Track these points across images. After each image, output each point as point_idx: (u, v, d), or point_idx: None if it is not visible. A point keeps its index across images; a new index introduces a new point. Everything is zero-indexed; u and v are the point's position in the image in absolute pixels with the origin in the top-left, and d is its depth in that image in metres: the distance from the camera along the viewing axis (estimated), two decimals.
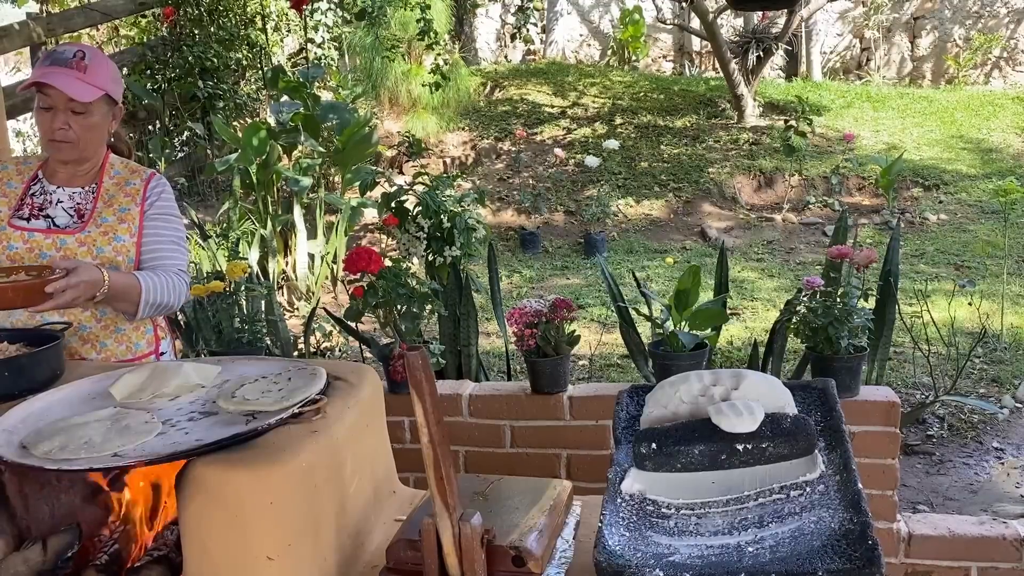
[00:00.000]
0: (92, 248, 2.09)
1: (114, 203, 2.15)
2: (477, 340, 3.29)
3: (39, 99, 2.05)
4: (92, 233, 2.11)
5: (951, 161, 8.22)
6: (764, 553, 1.27)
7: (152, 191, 2.19)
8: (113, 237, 2.12)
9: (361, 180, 6.00)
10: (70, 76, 2.01)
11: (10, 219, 2.11)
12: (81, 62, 2.03)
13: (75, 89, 2.01)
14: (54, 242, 2.09)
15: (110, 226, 2.13)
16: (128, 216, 2.15)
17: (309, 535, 1.37)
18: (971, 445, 3.73)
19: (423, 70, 8.66)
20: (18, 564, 1.43)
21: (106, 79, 2.08)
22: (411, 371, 1.26)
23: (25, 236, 2.09)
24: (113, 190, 2.17)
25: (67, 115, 2.04)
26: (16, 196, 2.14)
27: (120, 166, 2.22)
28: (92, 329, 2.14)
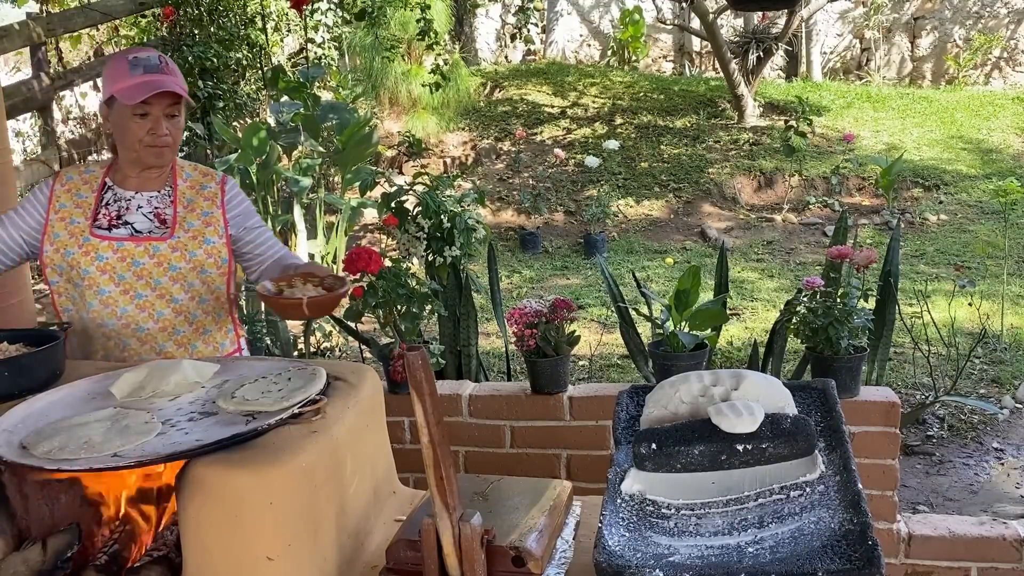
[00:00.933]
0: (185, 253, 2.09)
1: (195, 207, 2.15)
2: (477, 340, 3.29)
3: (135, 108, 2.01)
4: (182, 238, 2.10)
5: (951, 161, 8.22)
6: (764, 553, 1.27)
7: (230, 192, 2.21)
8: (203, 240, 2.12)
9: (361, 180, 6.00)
10: (171, 80, 2.02)
11: (90, 229, 2.08)
12: (168, 66, 2.05)
13: (180, 90, 2.02)
14: (146, 249, 2.07)
15: (198, 230, 2.12)
16: (213, 219, 2.15)
17: (309, 535, 1.37)
18: (971, 445, 3.73)
19: (423, 70, 8.66)
20: (18, 564, 1.43)
21: (182, 81, 2.09)
22: (411, 371, 1.26)
23: (114, 246, 2.07)
24: (190, 194, 2.16)
25: (164, 119, 2.05)
26: (90, 206, 2.11)
27: (189, 168, 2.22)
28: (185, 332, 2.14)
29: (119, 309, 2.07)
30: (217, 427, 1.44)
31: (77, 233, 2.08)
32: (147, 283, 2.08)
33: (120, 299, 2.07)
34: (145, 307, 2.08)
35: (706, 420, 1.47)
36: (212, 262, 2.13)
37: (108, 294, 2.06)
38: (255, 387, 1.56)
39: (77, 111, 8.08)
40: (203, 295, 2.15)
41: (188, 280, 2.11)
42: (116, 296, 2.07)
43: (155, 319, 2.10)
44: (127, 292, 2.07)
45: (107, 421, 1.46)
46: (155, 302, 2.09)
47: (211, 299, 2.17)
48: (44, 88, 6.24)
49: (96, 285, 2.06)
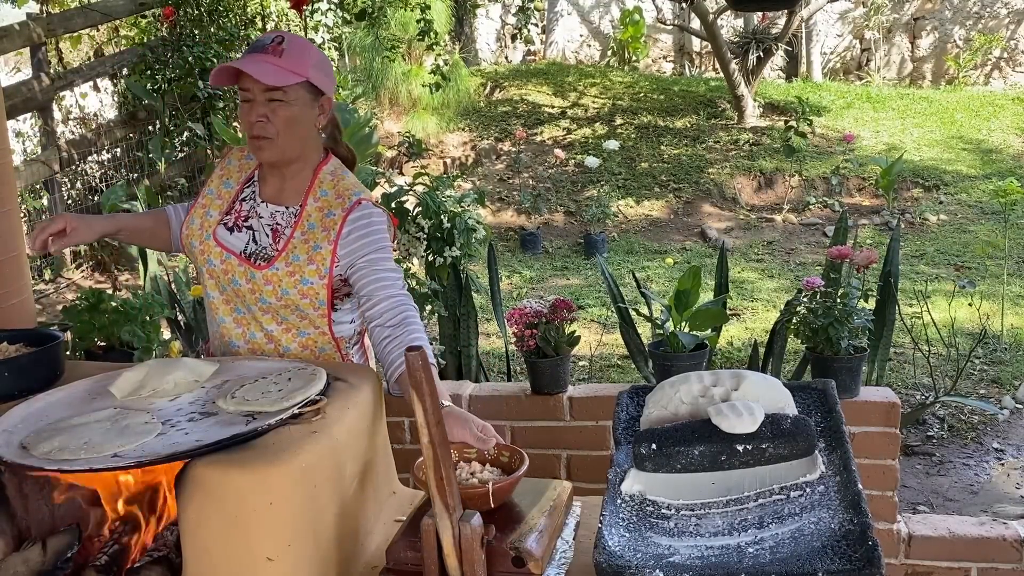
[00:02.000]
0: (277, 288, 1.88)
1: (310, 237, 1.90)
2: (477, 341, 3.29)
3: (240, 92, 1.87)
4: (280, 271, 1.89)
5: (951, 162, 8.22)
6: (764, 554, 1.27)
7: (352, 224, 1.90)
8: (300, 279, 1.88)
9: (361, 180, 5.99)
10: (264, 61, 1.81)
11: (216, 228, 1.96)
12: (278, 47, 1.83)
13: (267, 73, 1.79)
14: (246, 272, 1.90)
15: (299, 266, 1.88)
16: (318, 256, 1.89)
17: (309, 536, 1.37)
18: (971, 446, 3.73)
19: (423, 70, 8.66)
20: (18, 564, 1.43)
21: (306, 65, 1.84)
22: (411, 372, 1.26)
23: (223, 256, 1.93)
24: (315, 217, 1.92)
25: (264, 106, 1.83)
26: (229, 199, 1.98)
27: (329, 184, 1.95)
28: (274, 331, 1.96)
29: (218, 316, 1.98)
30: (217, 427, 1.44)
31: (206, 228, 1.96)
32: (243, 302, 1.95)
33: (221, 308, 1.97)
34: (241, 323, 1.96)
35: (706, 420, 1.47)
36: (308, 303, 1.90)
37: (213, 299, 1.98)
38: (255, 387, 1.56)
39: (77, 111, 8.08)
40: (301, 329, 1.95)
41: (280, 314, 1.93)
42: (218, 304, 1.97)
43: (246, 339, 1.96)
44: (228, 303, 1.96)
45: (107, 421, 1.47)
46: (250, 322, 1.96)
47: (313, 334, 1.95)
48: (44, 88, 6.23)
49: (206, 285, 1.99)
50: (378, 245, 1.91)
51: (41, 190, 6.47)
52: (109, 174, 7.14)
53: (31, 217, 6.37)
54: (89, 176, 7.32)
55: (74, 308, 2.83)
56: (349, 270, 1.90)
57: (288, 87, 1.82)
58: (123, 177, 6.79)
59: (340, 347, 2.00)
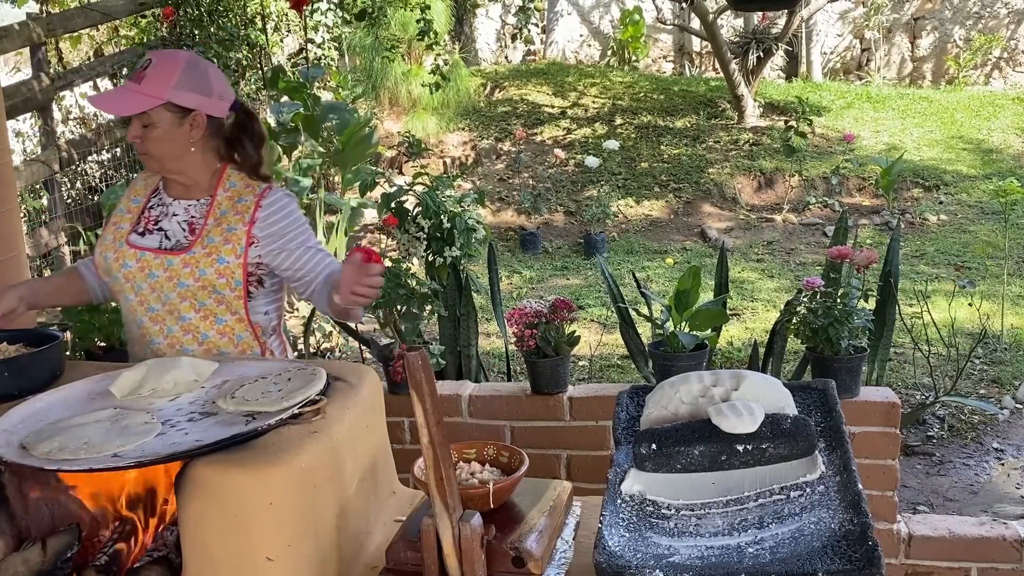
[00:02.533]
0: (195, 270, 1.99)
1: (224, 221, 2.02)
2: (477, 341, 3.29)
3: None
4: (196, 255, 1.99)
5: (951, 162, 8.22)
6: (764, 554, 1.27)
7: (266, 209, 2.04)
8: (217, 259, 1.99)
9: (361, 180, 5.99)
10: (124, 90, 1.96)
11: (128, 236, 2.07)
12: (143, 72, 1.94)
13: (116, 105, 1.97)
14: (162, 262, 2.01)
15: (215, 247, 2.00)
16: (234, 236, 2.01)
17: (309, 536, 1.37)
18: (971, 446, 3.73)
19: (423, 70, 8.66)
20: (17, 565, 1.43)
21: (165, 87, 1.93)
22: (411, 372, 1.26)
23: (138, 255, 2.03)
24: (226, 205, 2.04)
25: (138, 128, 1.97)
26: (138, 211, 2.11)
27: (236, 177, 2.09)
28: (195, 351, 2.02)
29: (137, 318, 2.06)
30: (217, 427, 1.44)
31: (118, 238, 2.07)
32: (159, 297, 2.02)
33: (138, 309, 2.05)
34: (157, 320, 2.04)
35: (706, 420, 1.47)
36: (224, 283, 2.00)
37: (130, 302, 2.06)
38: (255, 387, 1.56)
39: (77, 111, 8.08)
40: (219, 315, 2.04)
41: (198, 299, 2.01)
42: (135, 306, 2.05)
43: (164, 335, 2.04)
44: (143, 303, 2.04)
45: (107, 422, 1.47)
46: (165, 317, 2.03)
47: (230, 320, 2.05)
48: (44, 88, 6.23)
49: (123, 292, 2.06)
50: (301, 228, 2.07)
51: (41, 190, 6.47)
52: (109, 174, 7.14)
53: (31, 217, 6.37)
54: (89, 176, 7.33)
55: (74, 308, 2.83)
56: (279, 256, 2.03)
57: (150, 111, 1.94)
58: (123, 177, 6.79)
59: (258, 335, 2.09)
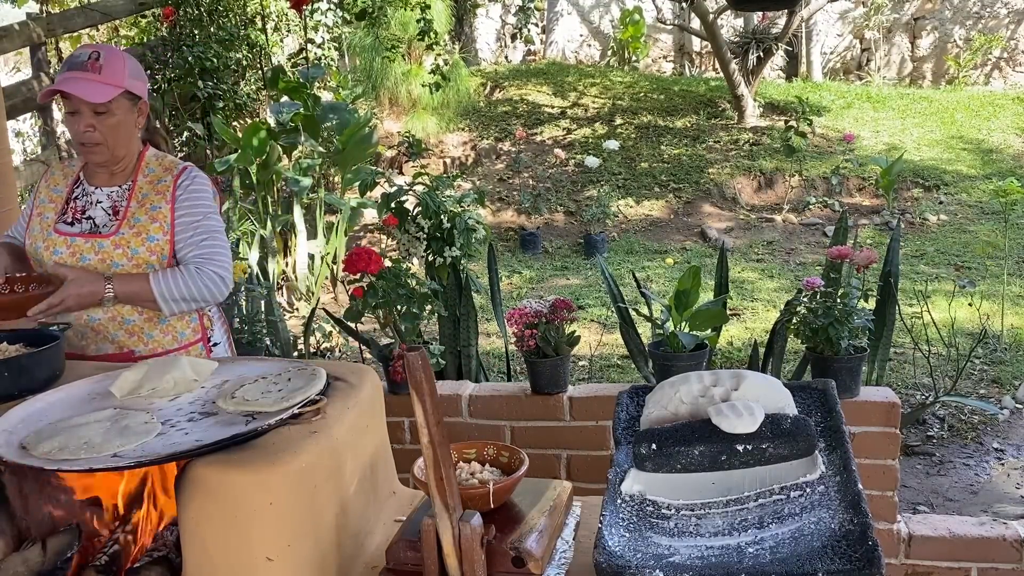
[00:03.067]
0: (127, 250, 2.10)
1: (147, 202, 2.15)
2: (477, 341, 3.29)
3: (64, 105, 2.06)
4: (126, 235, 2.11)
5: (951, 162, 8.22)
6: (764, 554, 1.27)
7: (182, 187, 2.17)
8: (146, 237, 2.12)
9: (361, 180, 5.99)
10: (86, 79, 2.02)
11: (55, 224, 2.15)
12: (96, 63, 2.03)
13: (91, 92, 2.02)
14: (93, 246, 2.11)
15: (143, 226, 2.13)
16: (159, 215, 2.14)
17: (309, 536, 1.37)
18: (971, 446, 3.73)
19: (423, 70, 8.65)
20: (18, 564, 1.43)
21: (122, 76, 2.07)
22: (411, 372, 1.26)
23: (68, 241, 2.12)
24: (147, 188, 2.17)
25: (90, 117, 2.05)
26: (62, 200, 2.18)
27: (155, 163, 2.22)
28: (136, 322, 2.16)
29: None
30: (217, 427, 1.44)
31: (45, 228, 2.15)
32: None
33: None
34: None
35: (706, 420, 1.47)
36: (155, 259, 2.13)
37: None
38: (255, 387, 1.56)
39: None
40: None
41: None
42: None
43: (104, 309, 2.12)
44: None
45: (107, 422, 1.47)
46: None
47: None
48: (44, 88, 6.23)
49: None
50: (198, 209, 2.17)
51: None
52: None
53: None
54: None
55: None
56: (180, 233, 2.15)
57: (111, 101, 2.04)
58: None
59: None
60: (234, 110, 7.31)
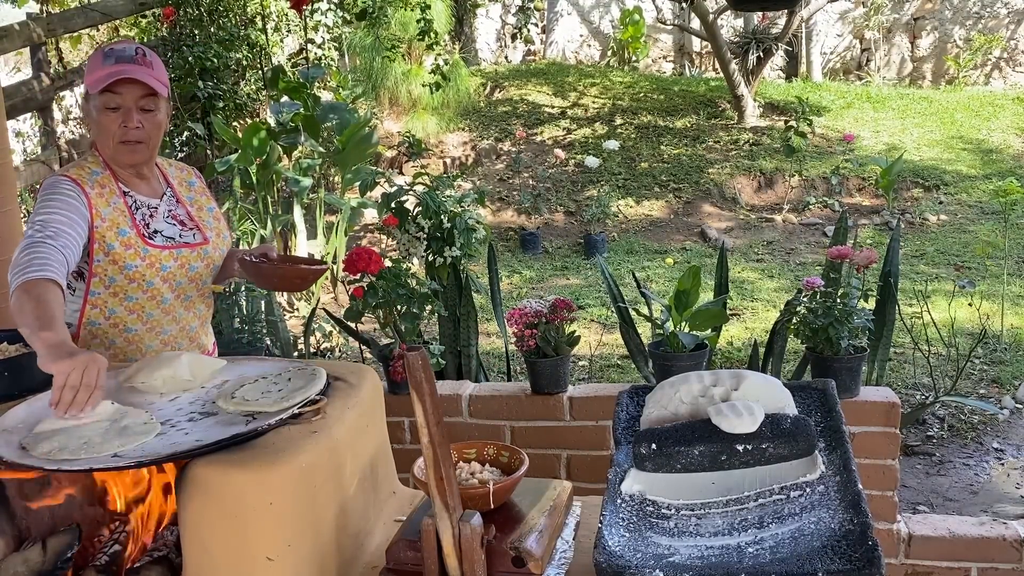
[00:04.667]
0: (219, 253, 2.15)
1: (195, 203, 2.17)
2: (477, 340, 3.29)
3: (105, 100, 1.94)
4: (213, 240, 2.14)
5: (951, 162, 8.22)
6: (764, 554, 1.27)
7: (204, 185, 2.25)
8: (222, 236, 2.18)
9: (361, 180, 6.00)
10: (143, 71, 1.94)
11: (144, 240, 2.00)
12: (145, 58, 1.97)
13: (154, 82, 1.95)
14: (199, 254, 2.09)
15: (218, 229, 2.18)
16: (217, 214, 2.21)
17: (309, 535, 1.37)
18: (971, 446, 3.73)
19: (423, 70, 8.66)
20: (18, 564, 1.43)
21: (165, 76, 2.03)
22: (411, 372, 1.26)
23: (175, 254, 2.04)
24: (182, 190, 2.17)
25: (138, 113, 1.96)
26: (124, 214, 2.00)
27: (167, 165, 2.20)
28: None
29: (176, 314, 2.10)
30: (217, 427, 1.44)
31: (133, 244, 1.98)
32: (196, 285, 2.12)
33: (177, 305, 2.09)
34: (190, 307, 2.14)
35: (706, 420, 1.47)
36: (220, 256, 2.17)
37: (168, 303, 2.07)
38: (255, 387, 1.56)
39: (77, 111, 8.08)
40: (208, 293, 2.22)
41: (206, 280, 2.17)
42: (174, 302, 2.08)
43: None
44: (179, 296, 2.09)
45: (106, 421, 1.47)
46: (197, 303, 2.16)
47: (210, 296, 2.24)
48: (44, 88, 6.24)
49: (160, 295, 2.04)
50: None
51: None
52: None
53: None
54: None
55: None
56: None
57: (160, 96, 2.00)
58: None
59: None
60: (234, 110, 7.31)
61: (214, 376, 1.68)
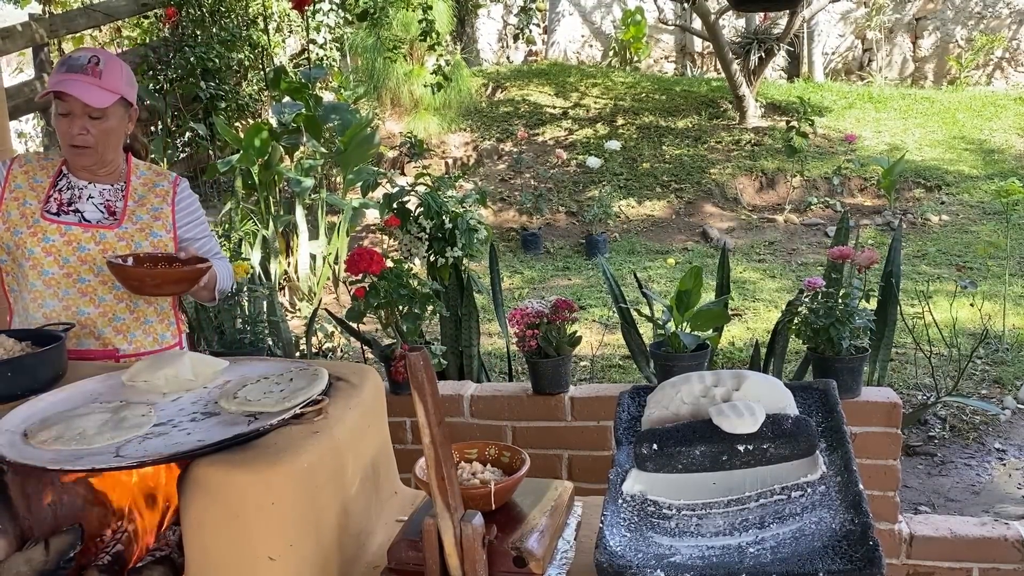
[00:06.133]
0: (131, 243, 2.17)
1: (146, 203, 2.23)
2: (479, 341, 3.29)
3: (57, 106, 2.07)
4: (129, 229, 2.18)
5: (953, 162, 8.21)
6: (765, 554, 1.27)
7: (182, 194, 2.29)
8: (150, 233, 2.20)
9: (363, 181, 6.00)
10: (86, 83, 2.04)
11: (41, 212, 2.15)
12: (96, 67, 2.06)
13: (91, 96, 2.04)
14: (93, 236, 2.14)
15: (145, 223, 2.20)
16: (162, 215, 2.23)
17: (310, 535, 1.37)
18: (973, 446, 3.73)
19: (425, 71, 8.65)
20: (20, 564, 1.43)
21: (120, 83, 2.11)
22: (413, 372, 1.26)
23: (62, 229, 2.13)
24: (142, 190, 2.24)
25: (85, 120, 2.07)
26: (43, 190, 2.17)
27: (144, 168, 2.29)
28: (125, 320, 2.20)
29: (61, 291, 2.15)
30: (219, 427, 1.45)
31: (28, 214, 2.13)
32: (90, 268, 2.14)
33: (63, 281, 2.14)
34: (87, 291, 2.15)
35: (707, 421, 1.47)
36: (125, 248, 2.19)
37: (51, 275, 2.14)
38: (257, 388, 1.56)
39: None
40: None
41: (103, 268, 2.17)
42: (59, 278, 2.14)
43: (96, 303, 2.16)
44: (70, 275, 2.14)
45: (106, 413, 1.48)
46: (97, 288, 2.16)
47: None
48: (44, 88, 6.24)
49: (40, 266, 2.13)
50: (203, 216, 2.34)
51: None
52: None
53: None
54: None
55: None
56: (184, 232, 2.26)
57: (108, 106, 2.07)
58: None
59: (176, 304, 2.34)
60: (236, 110, 7.32)
61: (216, 376, 1.69)
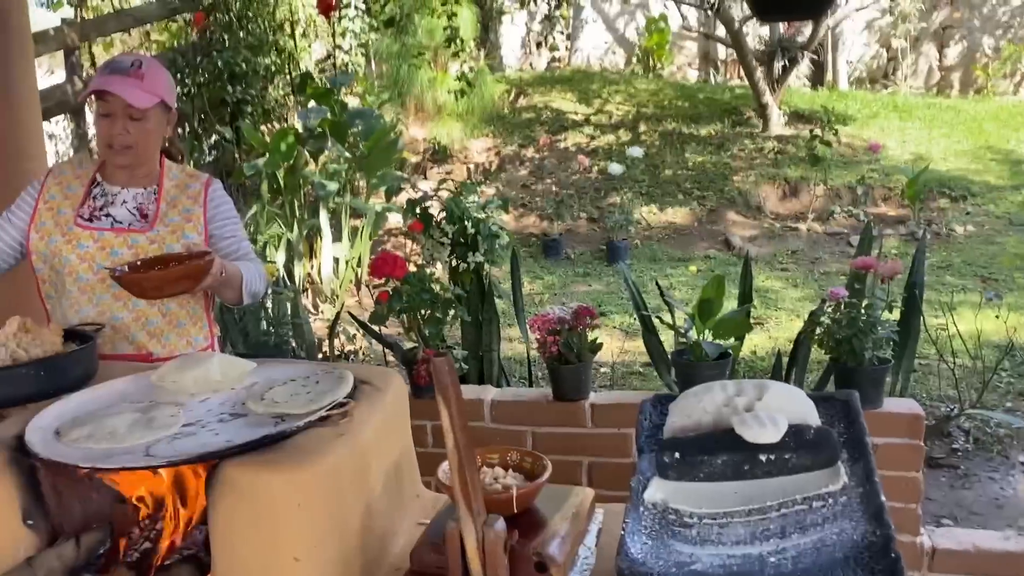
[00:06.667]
0: (162, 246, 2.18)
1: (178, 204, 2.25)
2: (499, 345, 3.31)
3: (99, 106, 2.12)
4: (161, 232, 2.19)
5: (979, 172, 8.13)
6: (786, 564, 1.27)
7: (213, 194, 2.30)
8: (182, 235, 2.21)
9: (386, 185, 6.05)
10: (129, 84, 2.09)
11: (75, 220, 2.19)
12: (139, 70, 2.11)
13: (133, 96, 2.09)
14: (125, 240, 2.17)
15: (177, 225, 2.22)
16: (193, 216, 2.24)
17: (335, 537, 1.39)
18: (997, 459, 3.69)
19: (449, 77, 8.70)
20: (52, 560, 1.46)
21: (161, 87, 2.16)
22: (438, 376, 1.27)
23: (95, 235, 2.16)
24: (174, 192, 2.26)
25: (125, 121, 2.12)
26: (78, 198, 2.21)
27: (177, 170, 2.32)
28: (158, 324, 2.22)
29: (96, 297, 2.17)
30: (247, 428, 1.47)
31: (63, 223, 2.17)
32: None
33: (98, 287, 2.16)
34: (121, 296, 2.16)
35: (729, 430, 1.47)
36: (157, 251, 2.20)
37: (86, 281, 2.16)
38: (284, 390, 1.58)
39: None
40: None
41: None
42: (94, 284, 2.16)
43: (130, 309, 2.19)
44: (104, 281, 2.15)
45: (137, 413, 1.50)
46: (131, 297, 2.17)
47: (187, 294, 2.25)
48: (77, 91, 6.34)
49: (76, 272, 2.15)
50: (236, 215, 2.33)
51: None
52: None
53: None
54: None
55: None
56: (220, 236, 2.27)
57: (148, 107, 2.12)
58: None
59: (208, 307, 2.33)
60: (262, 115, 7.39)
61: (243, 378, 1.71)
